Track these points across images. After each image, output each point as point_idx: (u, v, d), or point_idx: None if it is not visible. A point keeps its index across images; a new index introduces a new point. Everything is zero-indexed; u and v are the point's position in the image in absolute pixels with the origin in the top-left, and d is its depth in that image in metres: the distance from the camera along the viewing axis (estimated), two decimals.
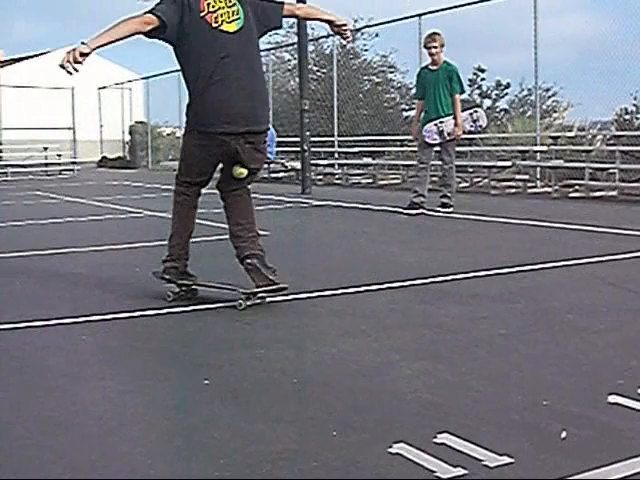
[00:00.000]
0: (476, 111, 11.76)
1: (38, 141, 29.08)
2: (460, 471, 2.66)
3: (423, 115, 11.26)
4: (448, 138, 11.01)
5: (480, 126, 11.62)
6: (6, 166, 26.51)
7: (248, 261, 5.30)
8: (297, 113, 16.82)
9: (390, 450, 2.83)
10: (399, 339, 4.48)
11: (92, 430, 3.17)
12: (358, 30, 24.04)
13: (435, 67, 11.11)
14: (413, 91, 21.50)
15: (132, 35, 5.10)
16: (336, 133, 21.08)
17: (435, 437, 2.93)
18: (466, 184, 15.99)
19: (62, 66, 4.92)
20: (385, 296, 5.70)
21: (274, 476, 2.67)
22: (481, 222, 10.12)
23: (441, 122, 10.95)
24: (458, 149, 12.01)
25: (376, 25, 22.13)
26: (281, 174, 20.98)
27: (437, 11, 17.86)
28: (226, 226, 5.58)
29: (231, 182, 5.43)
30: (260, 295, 5.30)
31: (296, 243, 9.29)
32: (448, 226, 9.93)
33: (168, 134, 32.44)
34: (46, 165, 28.69)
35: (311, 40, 21.43)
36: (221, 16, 5.15)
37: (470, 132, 12.11)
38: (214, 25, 5.14)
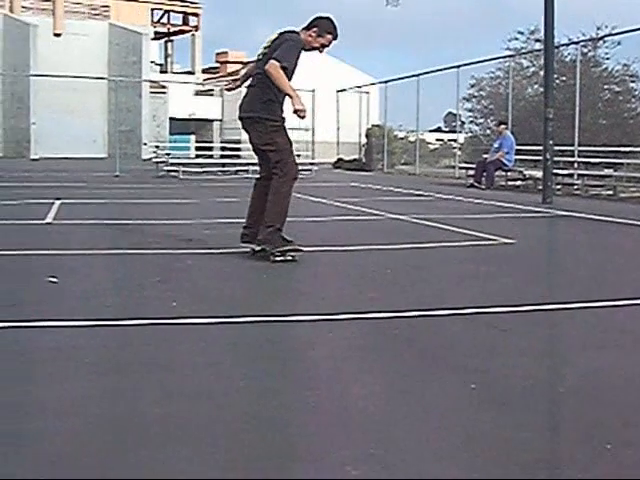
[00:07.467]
0: None
1: None
2: None
3: None
4: None
5: None
6: (247, 164, 27.42)
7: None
8: (534, 120, 16.59)
9: None
10: None
11: (365, 425, 3.27)
12: (600, 38, 23.49)
13: None
14: None
15: None
16: (576, 142, 20.64)
17: None
18: None
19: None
20: (636, 312, 5.60)
21: None
22: None
23: None
24: None
25: (620, 33, 21.53)
26: (518, 182, 20.75)
27: None
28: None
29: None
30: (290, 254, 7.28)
31: (543, 253, 9.23)
32: None
33: (401, 138, 32.56)
34: None
35: None
36: (260, 52, 7.82)
37: None
38: (257, 57, 7.90)
